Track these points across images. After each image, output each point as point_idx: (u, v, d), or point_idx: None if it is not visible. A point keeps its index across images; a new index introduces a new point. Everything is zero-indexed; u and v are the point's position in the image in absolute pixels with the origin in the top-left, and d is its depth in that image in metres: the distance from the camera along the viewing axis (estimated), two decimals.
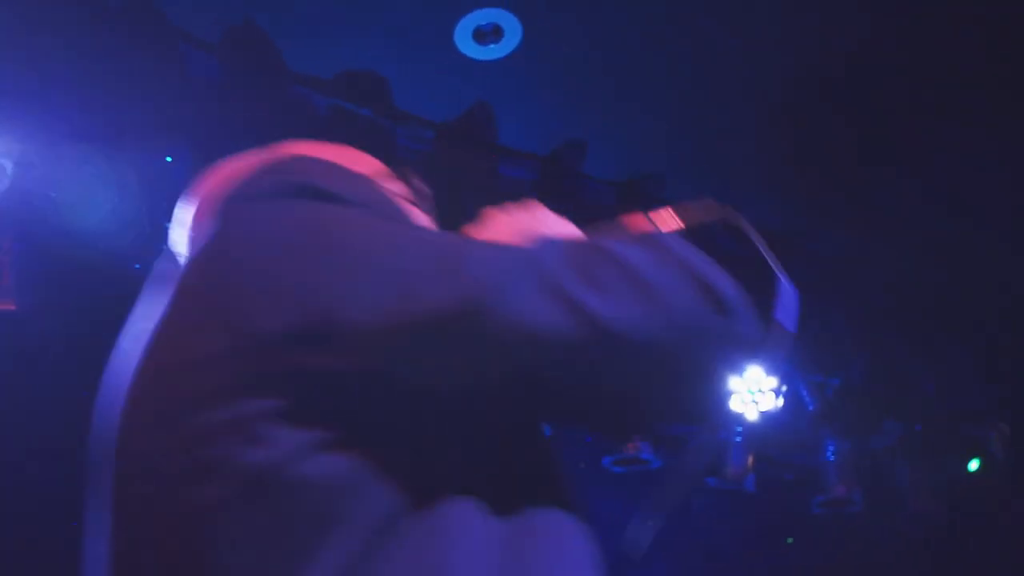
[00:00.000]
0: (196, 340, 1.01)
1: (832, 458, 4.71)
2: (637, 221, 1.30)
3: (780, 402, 4.48)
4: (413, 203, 1.39)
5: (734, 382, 4.36)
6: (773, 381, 4.45)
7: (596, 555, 1.09)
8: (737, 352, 1.12)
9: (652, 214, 1.32)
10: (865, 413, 4.81)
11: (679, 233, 1.25)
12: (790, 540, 4.85)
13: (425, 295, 1.00)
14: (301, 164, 1.21)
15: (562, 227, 1.32)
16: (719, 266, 1.16)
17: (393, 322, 0.98)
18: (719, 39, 4.07)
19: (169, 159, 3.82)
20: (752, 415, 4.42)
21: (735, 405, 4.39)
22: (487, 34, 3.96)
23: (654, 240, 1.18)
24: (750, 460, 4.67)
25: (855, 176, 4.62)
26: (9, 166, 3.55)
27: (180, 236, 1.40)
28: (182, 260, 1.30)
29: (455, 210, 4.30)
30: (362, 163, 1.33)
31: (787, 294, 1.30)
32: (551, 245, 1.11)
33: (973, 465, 4.81)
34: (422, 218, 1.37)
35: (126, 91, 3.70)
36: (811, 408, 4.83)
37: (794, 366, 4.81)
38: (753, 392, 4.42)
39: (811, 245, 5.01)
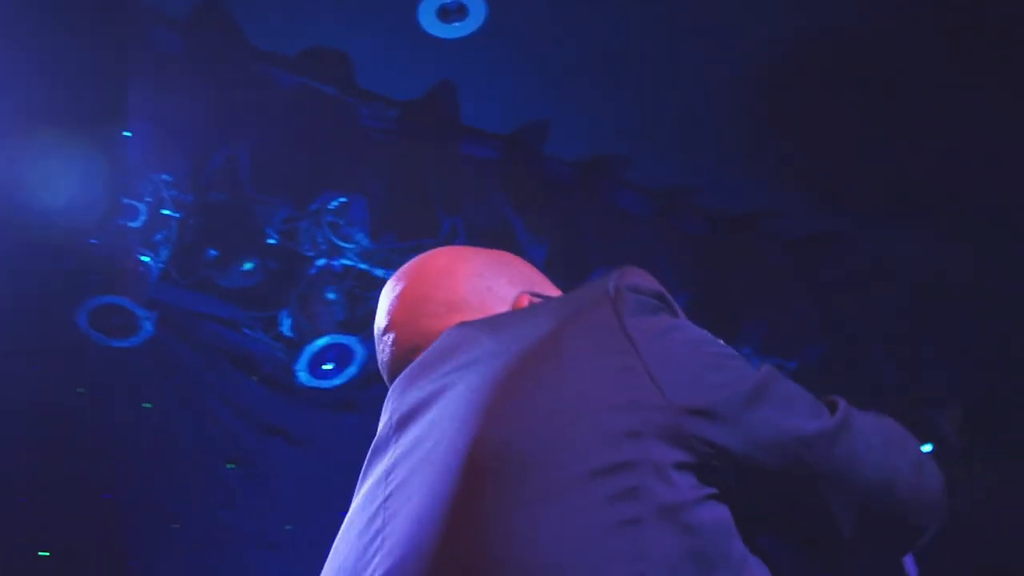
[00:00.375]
0: (626, 391, 1.28)
1: None
2: None
3: None
4: None
5: None
6: None
7: None
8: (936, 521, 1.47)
9: None
10: (819, 396, 4.83)
11: None
12: None
13: (799, 422, 1.33)
14: (642, 274, 1.46)
15: None
16: None
17: (768, 435, 1.29)
18: (687, 20, 4.08)
19: (128, 134, 3.79)
20: None
21: None
22: (451, 12, 3.94)
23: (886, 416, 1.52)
24: None
25: (822, 159, 4.64)
26: None
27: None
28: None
29: (417, 188, 4.31)
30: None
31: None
32: (849, 408, 1.40)
33: (926, 449, 4.82)
34: None
35: (88, 66, 3.67)
36: None
37: (752, 348, 4.83)
38: None
39: (775, 227, 5.04)
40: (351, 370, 4.33)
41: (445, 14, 3.95)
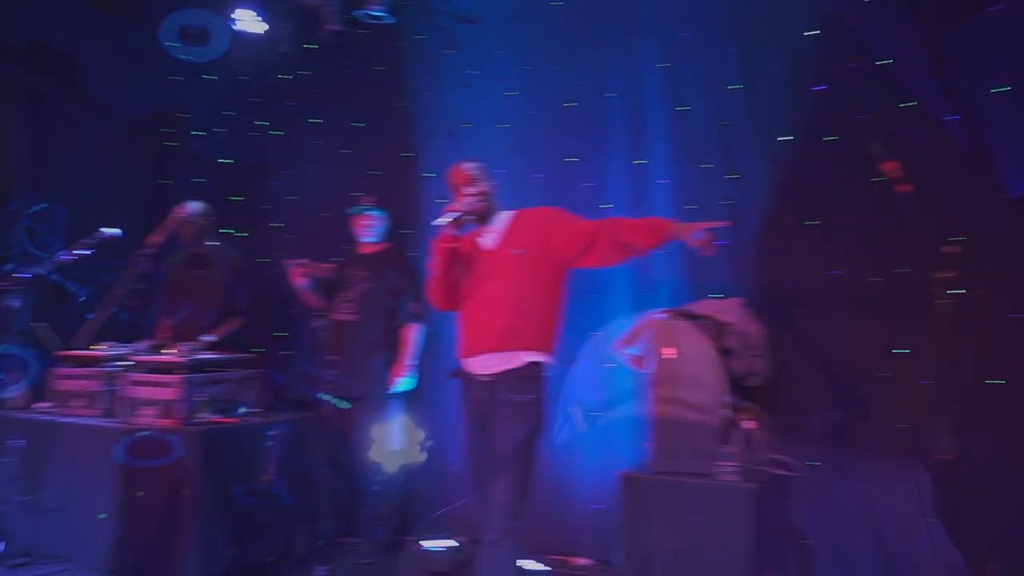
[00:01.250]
0: None
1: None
2: None
3: (424, 456, 4.46)
4: None
5: (377, 431, 4.33)
6: (421, 434, 4.44)
7: None
8: None
9: None
10: None
11: None
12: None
13: None
14: None
15: None
16: None
17: None
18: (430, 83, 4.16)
19: None
20: (391, 467, 4.38)
21: (375, 455, 4.36)
22: (192, 35, 3.88)
23: None
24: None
25: None
26: None
27: None
28: None
29: (127, 209, 4.16)
30: None
31: None
32: None
33: None
34: None
35: None
36: None
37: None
38: (397, 447, 4.39)
39: None
40: (21, 386, 4.09)
41: (185, 35, 3.88)
